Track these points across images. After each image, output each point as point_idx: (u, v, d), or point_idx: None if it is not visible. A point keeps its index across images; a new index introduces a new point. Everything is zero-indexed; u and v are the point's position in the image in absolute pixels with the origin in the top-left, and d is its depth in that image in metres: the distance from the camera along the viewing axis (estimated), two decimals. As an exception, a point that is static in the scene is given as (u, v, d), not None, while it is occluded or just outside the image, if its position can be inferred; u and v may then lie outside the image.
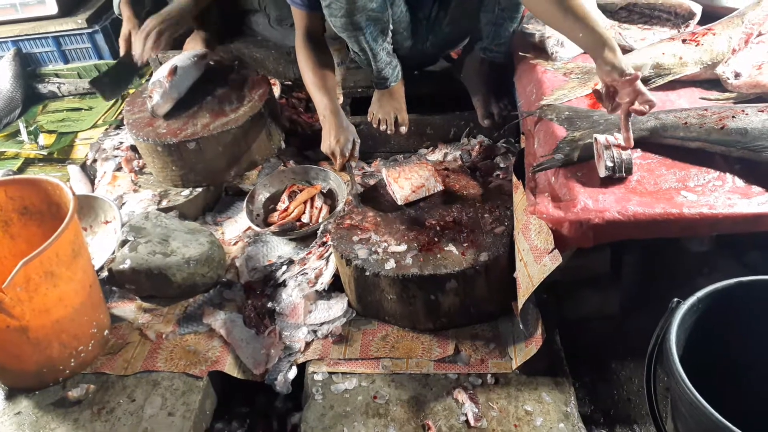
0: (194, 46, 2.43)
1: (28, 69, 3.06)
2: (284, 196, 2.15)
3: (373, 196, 1.87)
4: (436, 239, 1.66)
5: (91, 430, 1.50)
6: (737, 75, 1.60)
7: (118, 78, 2.40)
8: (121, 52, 2.35)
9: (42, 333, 1.53)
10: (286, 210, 2.10)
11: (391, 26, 1.90)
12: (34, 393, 1.61)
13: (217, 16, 2.59)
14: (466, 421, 1.43)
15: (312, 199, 2.11)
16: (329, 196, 2.15)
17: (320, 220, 2.02)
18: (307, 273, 1.84)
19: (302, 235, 2.00)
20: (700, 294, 1.22)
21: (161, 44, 2.19)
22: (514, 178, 1.68)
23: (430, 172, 1.84)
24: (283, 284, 1.85)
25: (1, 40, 3.04)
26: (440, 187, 1.82)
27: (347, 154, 1.87)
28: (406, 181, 1.82)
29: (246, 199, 2.14)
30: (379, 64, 1.96)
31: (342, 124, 1.89)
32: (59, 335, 1.57)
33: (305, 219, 2.06)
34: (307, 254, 1.91)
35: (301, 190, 2.15)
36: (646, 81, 1.71)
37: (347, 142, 1.87)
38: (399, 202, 1.79)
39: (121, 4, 2.53)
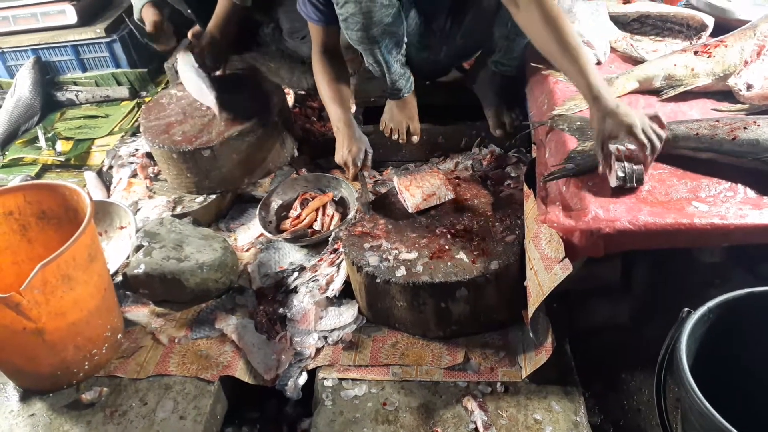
0: None
1: (47, 77, 3.12)
2: (296, 204, 2.17)
3: (385, 204, 1.88)
4: (446, 247, 1.66)
5: (103, 432, 1.52)
6: (749, 86, 1.60)
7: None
8: (149, 29, 2.43)
9: (57, 335, 1.55)
10: (298, 217, 2.12)
11: (405, 39, 1.92)
12: (48, 395, 1.63)
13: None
14: (475, 429, 1.43)
15: (324, 206, 2.13)
16: (341, 204, 2.16)
17: (332, 228, 2.03)
18: (318, 279, 1.85)
19: (314, 242, 2.02)
20: (710, 304, 1.22)
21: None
22: (525, 188, 1.68)
23: (441, 181, 1.86)
24: (295, 290, 1.86)
25: (21, 49, 3.10)
26: (451, 196, 1.83)
27: (360, 164, 1.89)
28: (418, 189, 1.84)
29: (259, 206, 2.16)
30: (392, 76, 1.98)
31: (355, 135, 1.92)
32: (74, 338, 1.59)
33: (317, 226, 2.08)
34: (318, 261, 1.93)
35: (313, 198, 2.17)
36: (657, 92, 1.72)
37: (359, 152, 1.89)
38: (410, 210, 1.80)
39: (145, 9, 2.57)
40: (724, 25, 1.86)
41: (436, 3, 1.96)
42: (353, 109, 2.29)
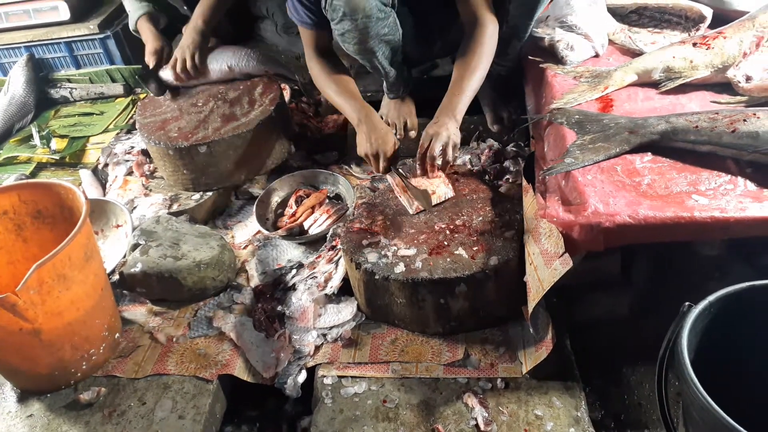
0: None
1: (41, 74, 3.09)
2: (291, 201, 2.15)
3: (382, 200, 1.87)
4: (445, 243, 1.65)
5: (102, 433, 1.52)
6: (748, 78, 1.59)
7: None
8: (151, 65, 2.43)
9: (54, 336, 1.54)
10: (293, 215, 2.10)
11: (401, 41, 1.91)
12: (45, 396, 1.62)
13: (229, 24, 2.62)
14: (476, 425, 1.42)
15: (320, 203, 2.11)
16: (338, 200, 2.15)
17: (329, 224, 2.02)
18: (316, 277, 1.84)
19: (312, 239, 2.01)
20: (712, 298, 1.21)
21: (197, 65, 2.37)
22: (524, 182, 1.68)
23: (441, 179, 1.83)
24: (293, 288, 1.85)
25: (14, 46, 3.07)
26: (451, 194, 1.81)
27: (389, 155, 1.79)
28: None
29: (256, 203, 2.15)
30: (390, 79, 1.98)
31: (380, 125, 1.81)
32: (71, 338, 1.58)
33: (313, 223, 2.06)
34: (316, 258, 1.91)
35: (307, 195, 2.15)
36: (656, 85, 1.71)
37: (387, 143, 1.79)
38: (411, 212, 1.77)
39: (140, 22, 2.54)
40: (723, 17, 1.85)
41: None
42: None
